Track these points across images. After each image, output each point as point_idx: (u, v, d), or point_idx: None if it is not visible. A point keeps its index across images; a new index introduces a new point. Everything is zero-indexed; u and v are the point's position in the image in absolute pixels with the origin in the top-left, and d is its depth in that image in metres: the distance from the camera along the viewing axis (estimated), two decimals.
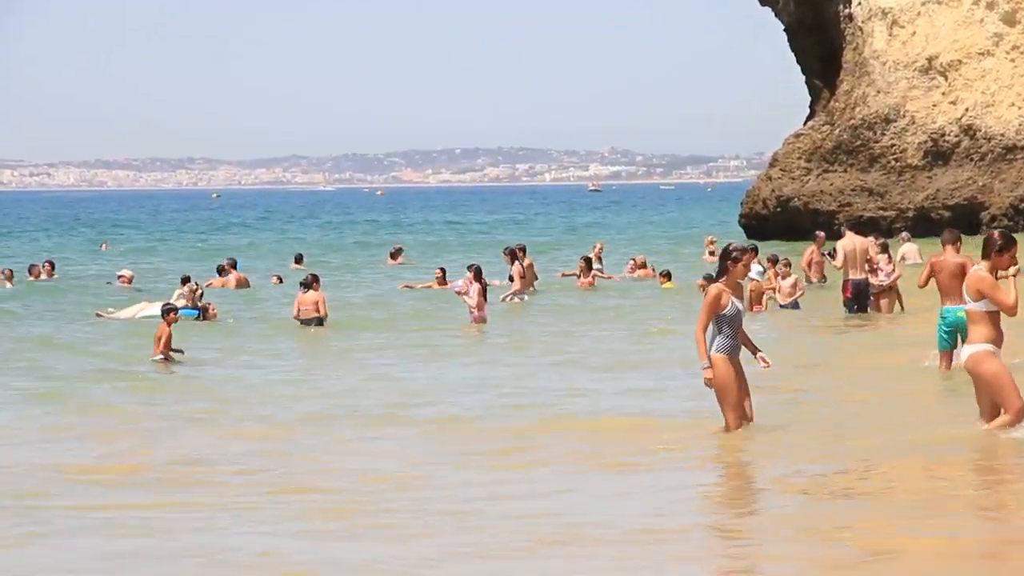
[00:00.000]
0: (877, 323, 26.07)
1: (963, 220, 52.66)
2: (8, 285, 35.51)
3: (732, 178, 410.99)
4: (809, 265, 34.34)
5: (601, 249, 40.65)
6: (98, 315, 30.87)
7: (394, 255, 48.62)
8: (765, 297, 29.56)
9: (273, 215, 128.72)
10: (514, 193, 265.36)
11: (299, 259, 46.24)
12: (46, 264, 43.04)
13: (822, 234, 37.92)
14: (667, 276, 35.87)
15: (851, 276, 26.76)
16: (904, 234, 42.23)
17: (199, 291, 30.55)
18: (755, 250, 34.67)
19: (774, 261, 30.71)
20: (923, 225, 53.38)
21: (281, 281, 38.29)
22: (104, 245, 65.29)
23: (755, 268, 30.63)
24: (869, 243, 27.22)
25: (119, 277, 35.45)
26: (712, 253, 42.37)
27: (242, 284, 37.49)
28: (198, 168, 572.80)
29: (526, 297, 32.29)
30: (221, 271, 38.79)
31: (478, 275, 27.32)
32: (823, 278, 33.91)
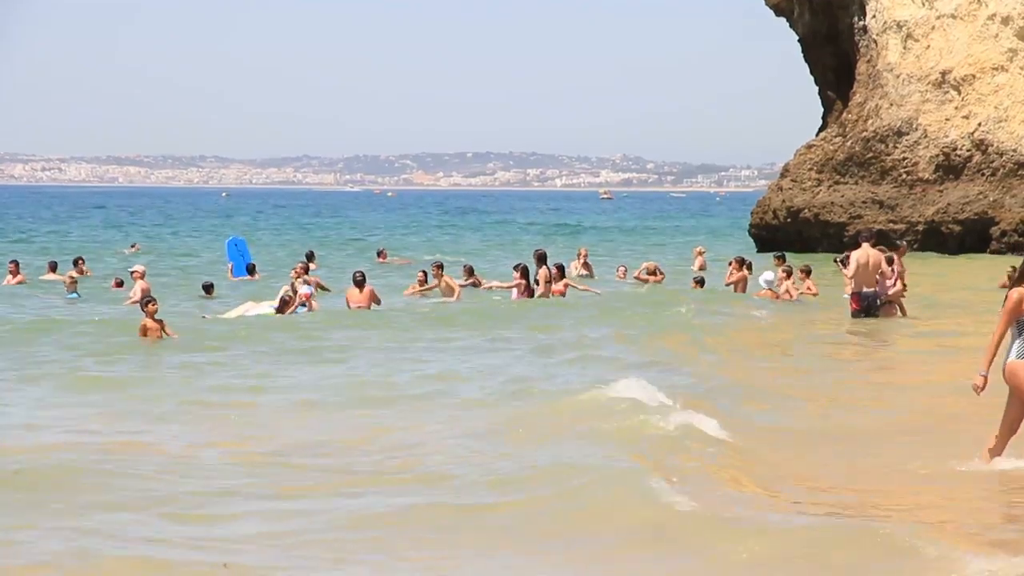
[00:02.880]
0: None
1: (973, 235, 52.72)
2: (74, 293, 33.57)
3: (743, 188, 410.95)
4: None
5: (586, 255, 40.52)
6: (204, 317, 30.80)
7: (381, 254, 48.96)
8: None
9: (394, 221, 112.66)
10: (551, 197, 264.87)
11: (311, 257, 46.14)
12: (78, 261, 43.13)
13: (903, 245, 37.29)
14: (700, 283, 35.81)
15: (861, 289, 26.75)
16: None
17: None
18: (783, 258, 34.82)
19: (782, 260, 31.17)
20: (933, 239, 53.44)
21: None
22: (135, 246, 64.25)
23: (765, 275, 30.96)
24: (883, 257, 27.20)
25: (132, 272, 34.73)
26: (702, 265, 42.33)
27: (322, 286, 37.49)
28: (209, 166, 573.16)
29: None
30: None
31: (524, 273, 30.72)
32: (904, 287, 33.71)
